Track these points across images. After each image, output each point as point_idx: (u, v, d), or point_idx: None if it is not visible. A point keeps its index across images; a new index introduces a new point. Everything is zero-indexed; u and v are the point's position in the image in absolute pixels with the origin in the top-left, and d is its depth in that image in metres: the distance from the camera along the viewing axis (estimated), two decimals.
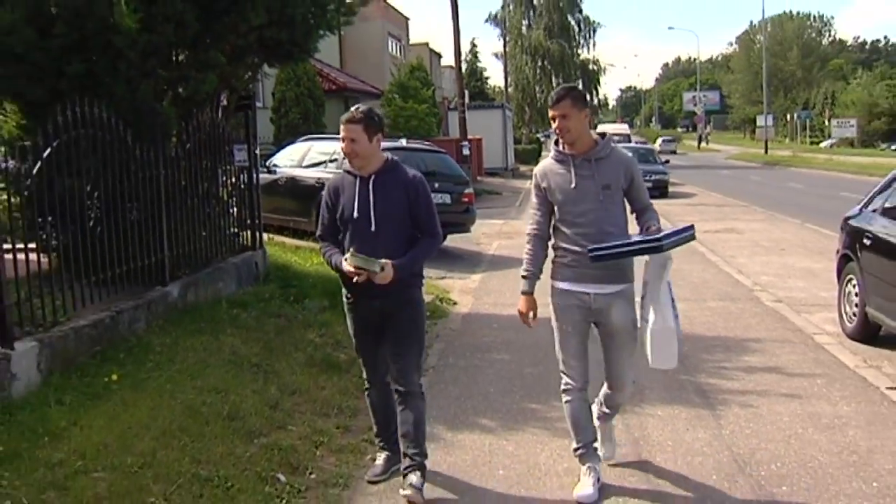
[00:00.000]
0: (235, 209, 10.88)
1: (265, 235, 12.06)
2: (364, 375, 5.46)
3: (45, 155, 6.70)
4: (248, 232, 11.07)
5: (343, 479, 5.30)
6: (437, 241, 5.15)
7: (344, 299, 5.30)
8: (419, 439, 5.14)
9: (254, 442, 5.67)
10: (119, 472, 4.97)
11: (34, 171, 6.63)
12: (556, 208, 5.03)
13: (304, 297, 9.92)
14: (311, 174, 15.22)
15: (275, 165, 16.33)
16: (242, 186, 10.99)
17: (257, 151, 11.65)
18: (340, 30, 34.04)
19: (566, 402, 5.14)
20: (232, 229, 10.64)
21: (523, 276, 5.19)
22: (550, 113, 4.94)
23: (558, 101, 4.89)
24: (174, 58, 9.17)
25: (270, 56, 10.25)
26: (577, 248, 4.92)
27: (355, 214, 4.94)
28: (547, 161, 5.15)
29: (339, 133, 4.97)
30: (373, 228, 4.91)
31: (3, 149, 8.24)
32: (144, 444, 5.37)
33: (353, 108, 4.94)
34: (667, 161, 36.00)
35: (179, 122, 9.09)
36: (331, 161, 15.33)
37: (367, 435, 5.97)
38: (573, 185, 4.92)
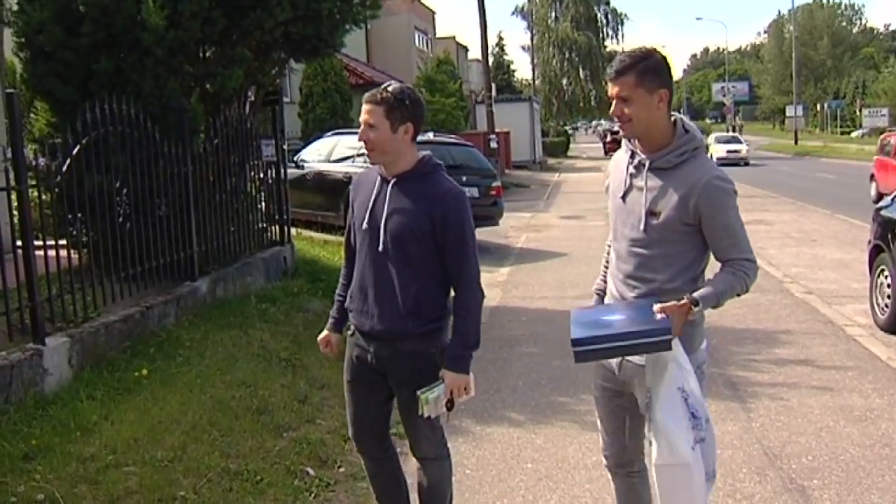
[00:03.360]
0: (263, 204, 10.92)
1: (293, 230, 12.10)
2: (349, 432, 4.17)
3: (73, 152, 6.75)
4: (277, 227, 11.10)
5: None
6: (474, 294, 3.69)
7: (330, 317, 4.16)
8: None
9: (283, 436, 5.69)
10: (149, 465, 5.00)
11: (63, 168, 6.68)
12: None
13: (333, 291, 9.86)
14: (339, 168, 15.27)
15: (302, 160, 16.38)
16: (270, 181, 11.02)
17: (285, 146, 11.69)
18: (367, 24, 34.16)
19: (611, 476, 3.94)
20: (260, 224, 10.68)
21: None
22: (609, 90, 3.40)
23: (618, 75, 3.29)
24: (201, 54, 9.22)
25: (297, 51, 10.26)
26: (614, 290, 3.57)
27: (364, 224, 3.71)
28: (620, 151, 3.65)
29: None
30: (380, 248, 3.65)
31: (34, 146, 8.35)
32: (174, 438, 5.40)
33: (383, 85, 3.68)
34: None
35: (207, 117, 9.13)
36: (358, 155, 15.35)
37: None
38: (621, 195, 3.47)
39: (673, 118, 3.38)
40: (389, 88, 3.63)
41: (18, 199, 6.05)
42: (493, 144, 30.65)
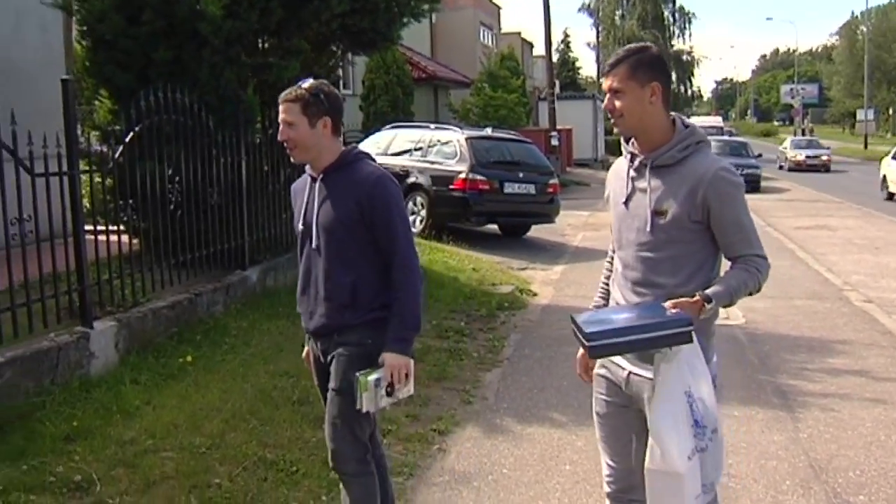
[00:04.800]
0: None
1: None
2: None
3: (127, 139, 6.83)
4: None
5: (409, 469, 5.27)
6: (407, 274, 3.55)
7: None
8: None
9: (321, 427, 5.68)
10: (187, 451, 5.05)
11: (117, 154, 6.77)
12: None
13: None
14: (397, 162, 15.28)
15: None
16: None
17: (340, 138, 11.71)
18: (431, 17, 34.15)
19: None
20: None
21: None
22: (603, 86, 3.29)
23: (611, 67, 3.20)
24: (259, 45, 9.28)
25: (354, 44, 10.29)
26: (621, 299, 3.35)
27: (300, 226, 3.69)
28: (619, 159, 3.49)
29: (428, 121, 4.11)
30: (314, 244, 3.63)
31: (94, 133, 8.48)
32: (214, 425, 5.44)
33: (298, 84, 3.61)
34: (759, 155, 34.95)
35: (262, 109, 9.19)
36: (416, 149, 15.41)
37: (436, 425, 5.96)
38: (623, 200, 3.32)
39: (672, 117, 3.26)
40: (304, 85, 3.58)
41: (70, 184, 6.13)
42: (555, 142, 30.46)
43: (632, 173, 3.28)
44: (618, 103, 3.18)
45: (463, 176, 14.37)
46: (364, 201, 3.52)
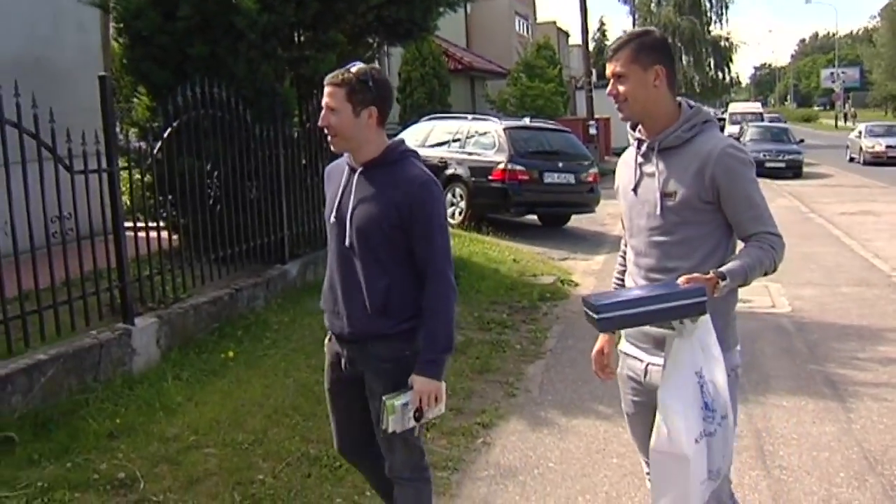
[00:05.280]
0: None
1: None
2: (335, 445, 3.80)
3: (165, 135, 6.82)
4: None
5: (453, 463, 5.20)
6: (443, 290, 3.29)
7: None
8: None
9: None
10: (230, 448, 5.02)
11: (155, 150, 6.76)
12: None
13: None
14: (435, 154, 15.22)
15: None
16: None
17: None
18: (466, 8, 34.04)
19: None
20: None
21: None
22: (606, 71, 3.24)
23: (614, 52, 3.15)
24: (295, 38, 9.24)
25: (390, 35, 10.21)
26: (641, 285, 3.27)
27: (332, 217, 3.42)
28: (628, 149, 3.40)
29: (465, 112, 3.80)
30: (346, 242, 3.33)
31: (133, 129, 8.50)
32: (256, 421, 5.41)
33: (347, 67, 3.31)
34: (801, 140, 34.26)
35: (299, 102, 9.16)
36: (454, 140, 15.33)
37: (480, 418, 5.88)
38: (632, 187, 3.26)
39: (678, 100, 3.20)
40: (353, 69, 3.27)
41: (109, 181, 6.13)
42: (593, 131, 30.20)
43: (639, 159, 3.23)
44: (621, 88, 3.12)
45: (502, 166, 14.27)
46: (405, 207, 3.23)
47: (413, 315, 3.34)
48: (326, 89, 3.27)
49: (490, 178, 14.37)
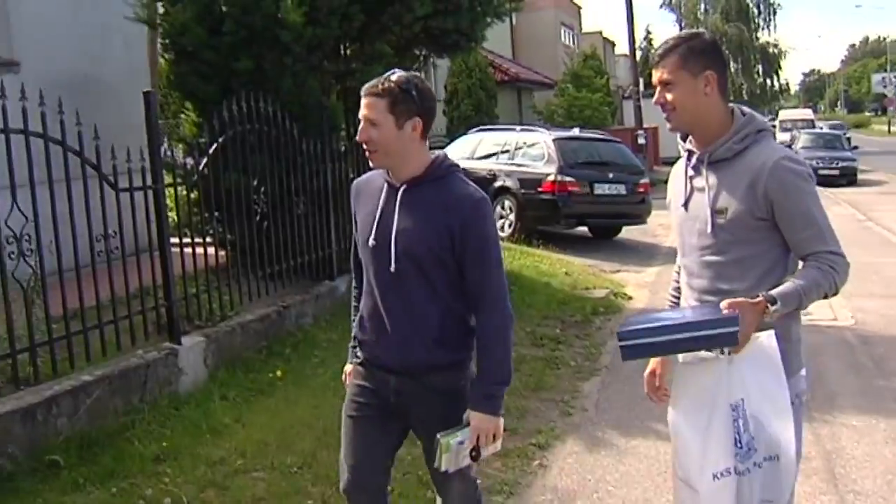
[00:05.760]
0: None
1: None
2: (342, 485, 3.35)
3: (210, 150, 6.74)
4: None
5: (508, 487, 5.00)
6: (500, 318, 3.03)
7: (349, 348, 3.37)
8: None
9: (417, 444, 5.46)
10: (278, 472, 4.87)
11: (200, 166, 6.68)
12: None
13: None
14: (483, 166, 15.09)
15: None
16: None
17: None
18: (512, 19, 33.92)
19: None
20: None
21: None
22: (653, 78, 3.01)
23: (661, 58, 2.93)
24: (341, 51, 9.15)
25: (437, 46, 10.08)
26: (690, 307, 3.08)
27: (371, 240, 3.07)
28: (679, 161, 3.17)
29: (512, 124, 3.45)
30: (392, 268, 3.01)
31: (180, 145, 8.45)
32: (305, 443, 5.26)
33: (387, 74, 3.00)
34: (855, 147, 33.67)
35: (346, 115, 9.05)
36: (502, 152, 15.18)
37: (536, 439, 5.68)
38: (682, 202, 3.04)
39: (731, 107, 2.95)
40: (393, 77, 2.96)
41: (154, 198, 6.05)
42: (641, 140, 29.90)
43: (689, 172, 3.00)
44: (669, 96, 2.89)
45: (552, 178, 14.08)
46: (458, 228, 2.95)
47: (467, 344, 3.12)
48: (365, 100, 2.98)
49: (540, 189, 14.18)
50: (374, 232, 3.05)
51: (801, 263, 2.84)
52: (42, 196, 5.10)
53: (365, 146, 3.01)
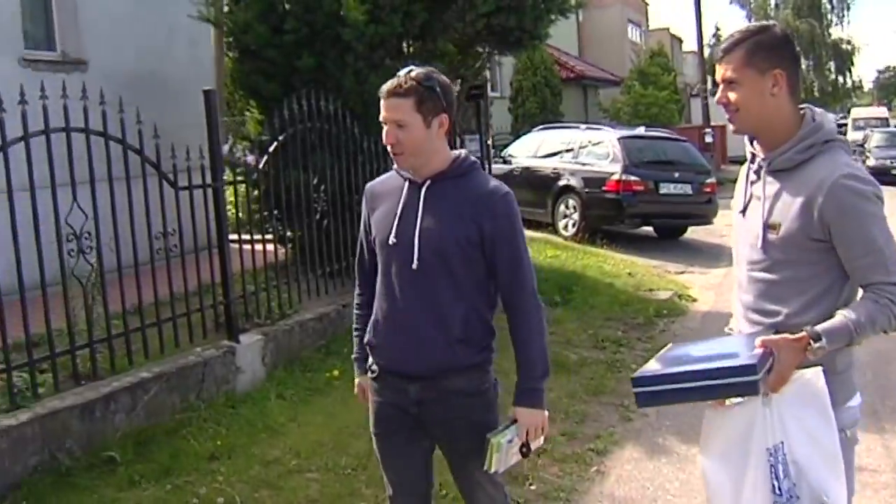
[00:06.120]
0: None
1: None
2: (388, 493, 3.30)
3: (270, 148, 6.74)
4: None
5: (565, 493, 4.90)
6: (535, 312, 2.97)
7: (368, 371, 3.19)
8: None
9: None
10: (332, 473, 4.84)
11: (260, 164, 6.68)
12: None
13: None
14: (547, 164, 14.99)
15: (510, 156, 16.18)
16: None
17: (489, 141, 11.47)
18: (578, 16, 33.64)
19: None
20: None
21: None
22: (716, 75, 2.75)
23: (725, 53, 2.66)
24: (405, 49, 9.11)
25: (500, 44, 10.00)
26: (736, 326, 2.86)
27: (391, 239, 2.96)
28: (747, 162, 2.88)
29: (577, 121, 3.22)
30: (415, 265, 2.91)
31: (244, 143, 8.50)
32: (360, 444, 5.20)
33: (401, 72, 2.92)
34: None
35: None
36: (566, 151, 15.04)
37: (594, 444, 5.57)
38: (741, 209, 2.78)
39: (802, 110, 2.66)
40: (412, 74, 2.86)
41: (214, 196, 6.06)
42: (709, 139, 29.44)
43: (751, 177, 2.74)
44: (732, 96, 2.63)
45: (616, 177, 13.89)
46: (487, 221, 2.89)
47: (488, 344, 3.02)
48: (387, 102, 2.88)
49: (604, 188, 14.00)
50: (394, 230, 2.96)
51: (860, 291, 2.54)
52: (102, 194, 5.14)
53: (390, 148, 2.92)
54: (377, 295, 3.06)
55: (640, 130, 15.85)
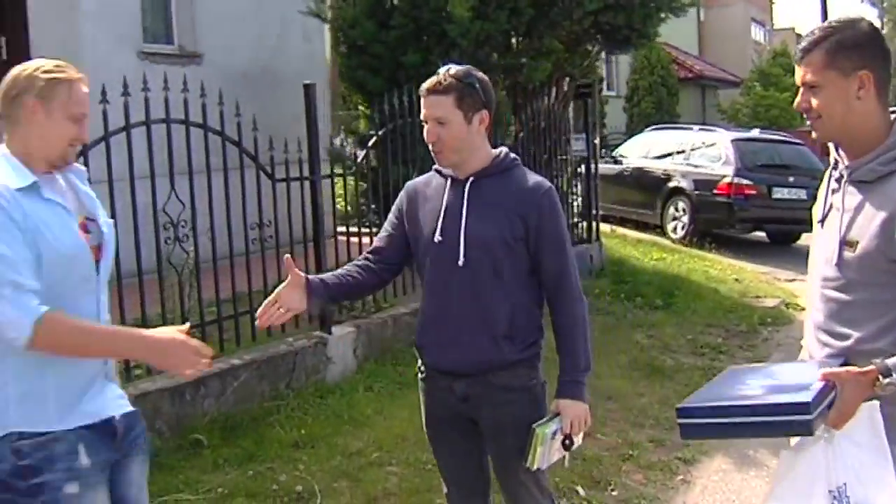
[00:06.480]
0: (578, 199, 10.65)
1: (607, 226, 11.73)
2: (445, 491, 3.33)
3: (370, 143, 6.81)
4: (585, 223, 10.76)
5: (647, 501, 4.81)
6: (578, 306, 2.99)
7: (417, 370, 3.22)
8: None
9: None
10: (412, 467, 4.87)
11: (359, 158, 6.77)
12: None
13: (637, 294, 9.49)
14: (658, 165, 14.76)
15: (621, 155, 15.98)
16: (580, 176, 10.72)
17: (596, 141, 11.34)
18: (699, 14, 33.01)
19: None
20: (569, 220, 10.41)
21: None
22: (796, 77, 2.48)
23: (804, 53, 2.39)
24: (510, 45, 9.11)
25: (608, 42, 9.90)
26: (807, 347, 2.65)
27: (437, 237, 2.95)
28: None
29: (693, 123, 3.06)
30: (460, 262, 2.91)
31: (351, 136, 8.62)
32: None
33: (441, 70, 2.95)
34: None
35: (514, 110, 9.00)
36: (678, 152, 14.76)
37: (682, 452, 5.45)
38: (820, 218, 2.56)
39: (894, 115, 2.39)
40: (452, 72, 2.90)
41: (311, 189, 6.15)
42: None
43: (832, 184, 2.51)
44: (814, 101, 2.38)
45: (727, 180, 13.56)
46: (533, 217, 2.89)
47: (536, 339, 3.03)
48: (428, 99, 2.92)
49: (715, 191, 13.69)
50: (440, 227, 2.96)
51: None
52: (200, 184, 5.28)
53: (432, 146, 2.94)
54: (425, 295, 3.07)
55: (755, 133, 15.46)
